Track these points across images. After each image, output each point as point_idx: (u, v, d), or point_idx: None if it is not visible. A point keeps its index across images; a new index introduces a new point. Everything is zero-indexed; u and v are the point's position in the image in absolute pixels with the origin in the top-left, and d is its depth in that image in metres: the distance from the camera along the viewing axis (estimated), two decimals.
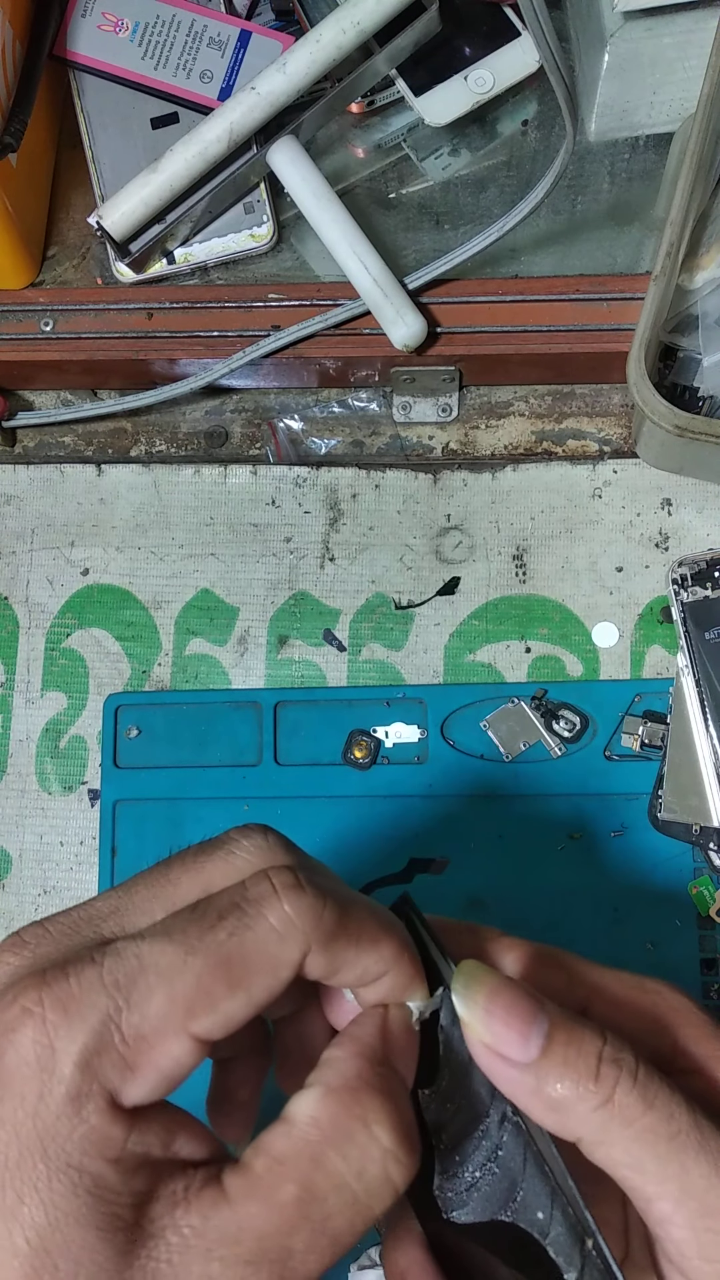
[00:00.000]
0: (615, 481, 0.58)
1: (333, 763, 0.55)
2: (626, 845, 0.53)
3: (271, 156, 0.56)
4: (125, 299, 0.57)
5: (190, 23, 0.58)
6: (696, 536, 0.57)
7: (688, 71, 0.55)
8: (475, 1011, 0.25)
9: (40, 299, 0.58)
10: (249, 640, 0.58)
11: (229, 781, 0.55)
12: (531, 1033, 0.24)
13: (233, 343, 0.57)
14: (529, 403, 0.59)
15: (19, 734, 0.58)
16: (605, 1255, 0.24)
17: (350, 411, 0.60)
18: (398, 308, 0.54)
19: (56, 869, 0.57)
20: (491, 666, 0.56)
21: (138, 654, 0.58)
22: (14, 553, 0.60)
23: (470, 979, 0.26)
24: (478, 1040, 0.25)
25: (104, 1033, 0.22)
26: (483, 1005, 0.25)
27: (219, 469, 0.60)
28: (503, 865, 0.53)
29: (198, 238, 0.58)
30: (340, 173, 0.60)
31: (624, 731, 0.53)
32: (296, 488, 0.59)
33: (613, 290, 0.55)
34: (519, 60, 0.57)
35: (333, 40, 0.54)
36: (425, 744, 0.55)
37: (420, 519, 0.58)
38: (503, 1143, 0.25)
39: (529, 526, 0.58)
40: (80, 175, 0.60)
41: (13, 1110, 0.22)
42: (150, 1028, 0.23)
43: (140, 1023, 0.23)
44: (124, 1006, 0.22)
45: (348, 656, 0.57)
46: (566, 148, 0.47)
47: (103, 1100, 0.22)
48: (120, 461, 0.61)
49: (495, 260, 0.58)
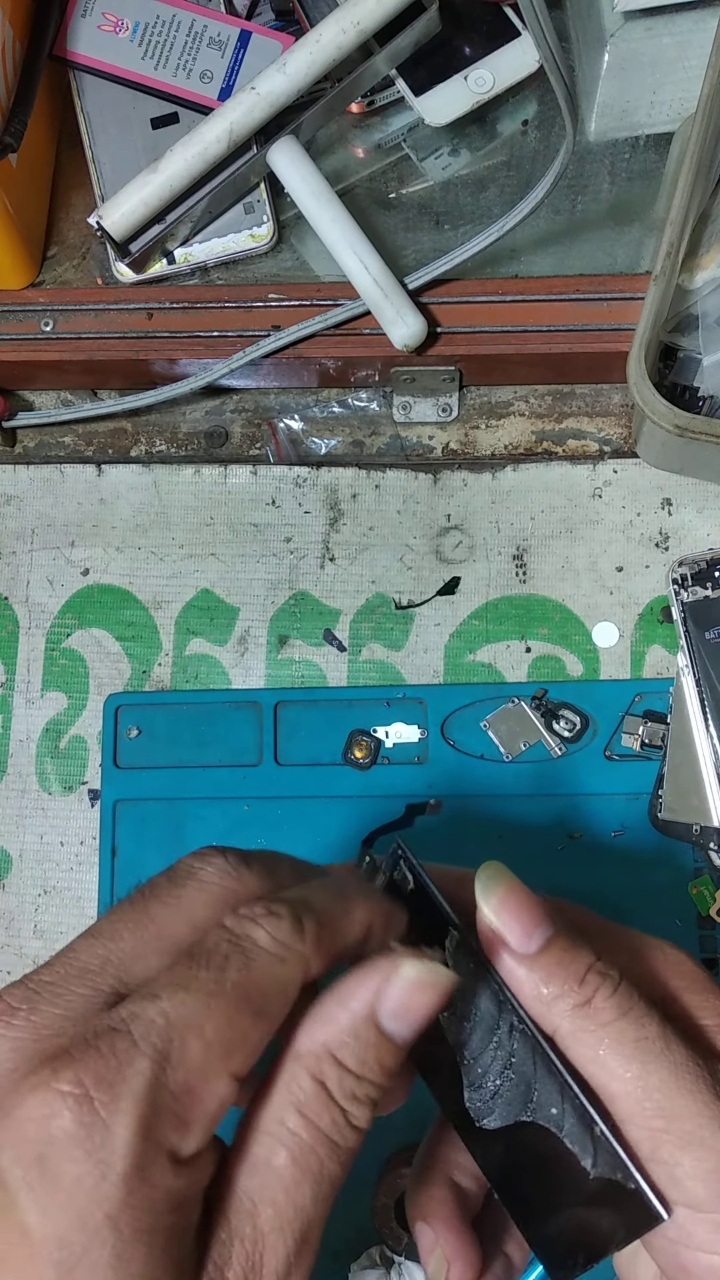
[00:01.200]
0: (615, 481, 0.58)
1: (333, 763, 0.55)
2: (626, 845, 0.53)
3: (271, 156, 0.56)
4: (125, 299, 0.57)
5: (190, 23, 0.58)
6: (696, 536, 0.57)
7: (688, 71, 0.55)
8: (490, 901, 0.27)
9: (40, 299, 0.58)
10: (249, 640, 0.58)
11: (229, 781, 0.55)
12: (535, 932, 0.27)
13: (233, 343, 0.57)
14: (529, 403, 0.59)
15: (19, 734, 0.58)
16: (610, 1139, 0.25)
17: (350, 411, 0.60)
18: (398, 308, 0.54)
19: (56, 869, 0.57)
20: (491, 666, 0.56)
21: (138, 654, 0.58)
22: (14, 553, 0.60)
23: (493, 875, 0.28)
24: (486, 925, 0.27)
25: (155, 1097, 0.22)
26: (498, 897, 0.27)
27: (219, 469, 0.60)
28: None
29: (198, 238, 0.58)
30: (340, 173, 0.60)
31: (624, 731, 0.53)
32: (296, 488, 0.59)
33: (613, 290, 0.55)
34: (519, 60, 0.57)
35: (333, 40, 0.54)
36: (425, 744, 0.55)
37: (420, 519, 0.58)
38: (514, 1050, 0.27)
39: (529, 526, 0.58)
40: (80, 175, 0.60)
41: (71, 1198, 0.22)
42: (195, 1079, 0.23)
43: (185, 1078, 0.23)
44: (166, 1066, 0.23)
45: (348, 656, 0.57)
46: (566, 148, 0.47)
47: (165, 1160, 0.23)
48: (120, 461, 0.61)
49: (495, 260, 0.58)
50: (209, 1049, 0.23)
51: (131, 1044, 0.23)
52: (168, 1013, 0.23)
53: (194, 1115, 0.23)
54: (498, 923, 0.27)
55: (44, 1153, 0.22)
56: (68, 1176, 0.22)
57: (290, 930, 0.25)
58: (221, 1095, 0.23)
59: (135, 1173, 0.22)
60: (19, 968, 0.56)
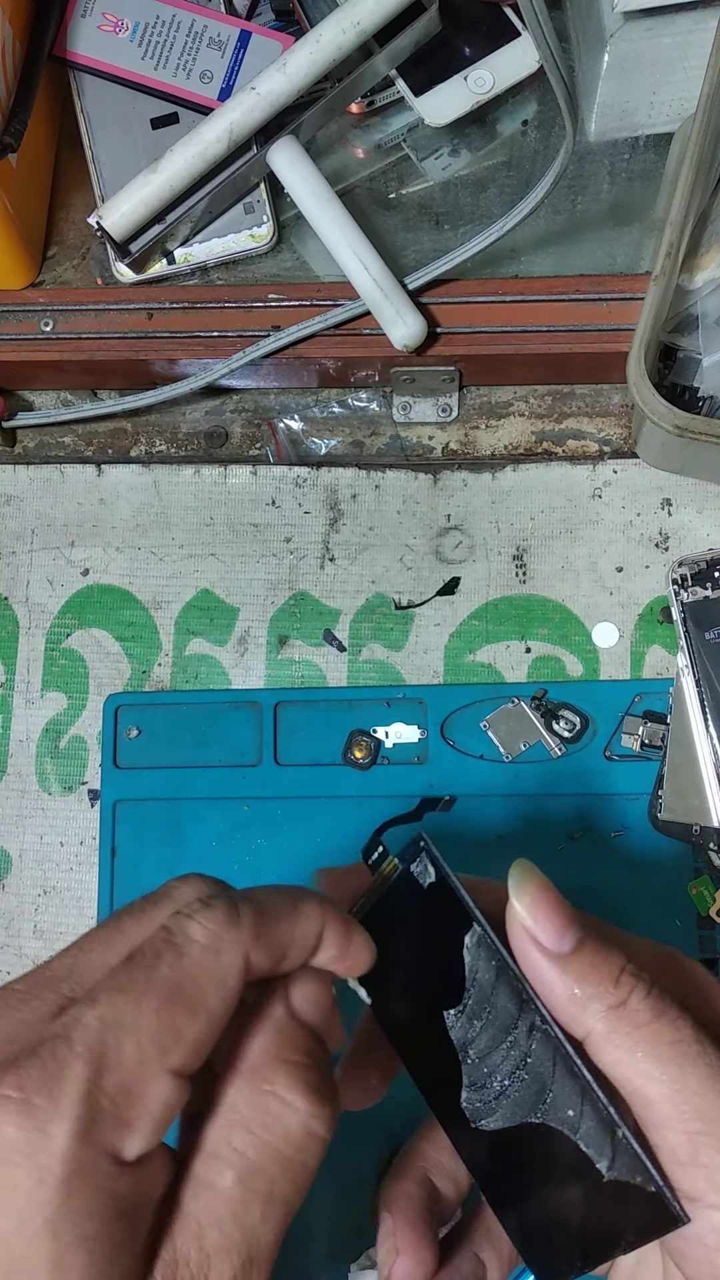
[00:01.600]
0: (615, 481, 0.58)
1: (333, 763, 0.55)
2: (626, 845, 0.53)
3: (271, 156, 0.56)
4: (125, 299, 0.57)
5: (190, 23, 0.58)
6: (696, 536, 0.57)
7: (688, 71, 0.55)
8: (523, 898, 0.27)
9: (40, 299, 0.58)
10: (249, 640, 0.58)
11: (229, 781, 0.55)
12: (567, 932, 0.27)
13: (233, 343, 0.57)
14: (529, 403, 0.59)
15: (19, 734, 0.58)
16: (632, 1143, 0.25)
17: (350, 411, 0.60)
18: (398, 308, 0.54)
19: (56, 869, 0.57)
20: (491, 666, 0.56)
21: (138, 654, 0.58)
22: (14, 553, 0.60)
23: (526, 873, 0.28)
24: (519, 922, 0.27)
25: (91, 1100, 0.23)
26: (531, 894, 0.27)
27: (219, 469, 0.60)
28: (503, 865, 0.53)
29: (198, 238, 0.58)
30: (340, 173, 0.60)
31: (624, 731, 0.53)
32: (296, 488, 0.59)
33: (613, 290, 0.55)
34: (519, 60, 0.57)
35: (333, 40, 0.54)
36: (425, 744, 0.55)
37: (420, 519, 0.58)
38: (532, 1050, 0.27)
39: (529, 526, 0.58)
40: (80, 175, 0.60)
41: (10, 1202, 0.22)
42: (132, 1079, 0.23)
43: (121, 1078, 0.23)
44: (102, 1068, 0.23)
45: (348, 656, 0.57)
46: (566, 148, 0.47)
47: (107, 1163, 0.23)
48: (120, 461, 0.61)
49: (495, 260, 0.58)
50: (143, 1048, 0.23)
51: (69, 1048, 0.23)
52: (103, 1015, 0.24)
53: (134, 1115, 0.23)
54: (531, 921, 0.27)
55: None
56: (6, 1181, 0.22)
57: (224, 919, 0.26)
58: (164, 1095, 0.24)
59: (74, 1176, 0.22)
60: (19, 968, 0.56)
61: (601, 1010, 0.26)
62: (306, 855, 0.54)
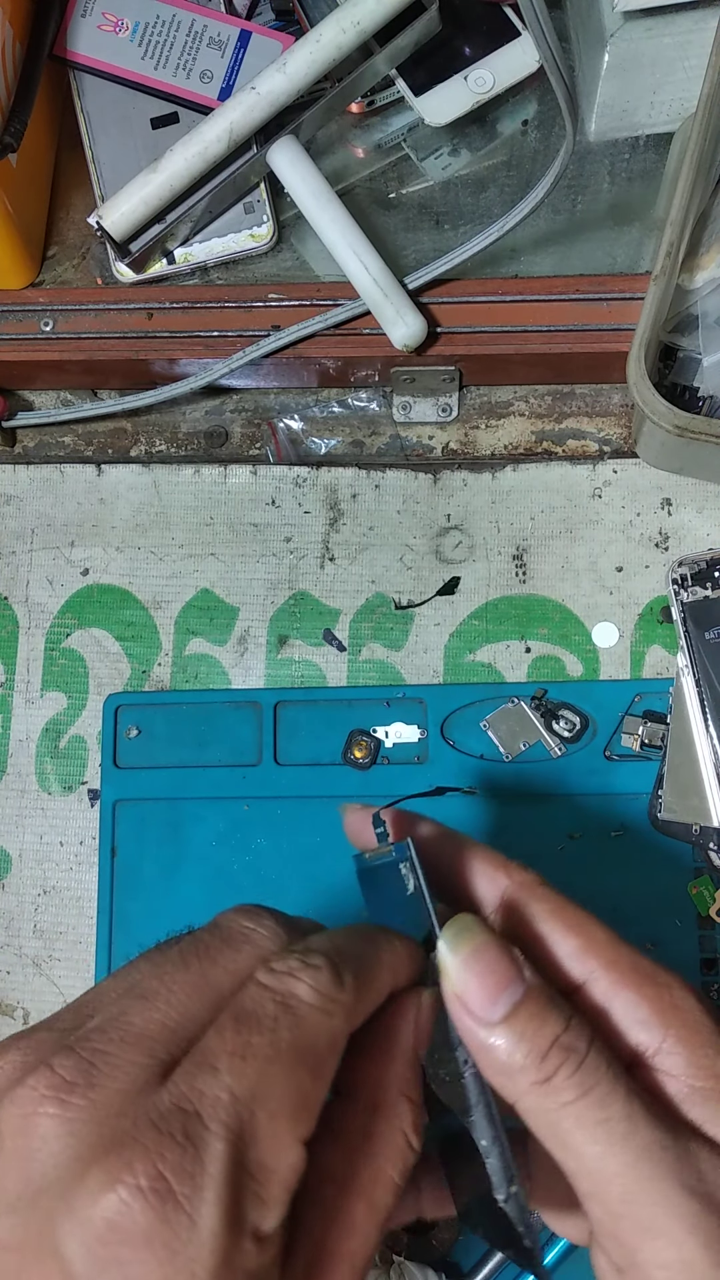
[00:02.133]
0: (615, 481, 0.58)
1: (333, 763, 0.55)
2: (626, 845, 0.53)
3: (271, 156, 0.56)
4: (125, 299, 0.57)
5: (190, 23, 0.58)
6: (696, 536, 0.57)
7: (688, 71, 0.55)
8: (454, 961, 0.26)
9: (40, 299, 0.58)
10: (249, 640, 0.58)
11: (229, 781, 0.55)
12: (501, 998, 0.25)
13: (233, 343, 0.57)
14: (529, 403, 0.59)
15: (19, 734, 0.58)
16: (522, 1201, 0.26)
17: (350, 411, 0.60)
18: (398, 308, 0.54)
19: (56, 869, 0.57)
20: (491, 666, 0.56)
21: (138, 654, 0.58)
22: (14, 553, 0.60)
23: (460, 931, 0.27)
24: (449, 988, 0.26)
25: (236, 1180, 0.21)
26: (463, 958, 0.26)
27: (219, 469, 0.60)
28: None
29: (198, 238, 0.58)
30: (340, 173, 0.60)
31: (624, 731, 0.53)
32: (296, 488, 0.59)
33: (613, 290, 0.55)
34: (519, 60, 0.57)
35: (333, 40, 0.54)
36: (425, 744, 0.55)
37: (420, 519, 0.58)
38: (465, 1076, 0.27)
39: (529, 526, 0.58)
40: (80, 175, 0.60)
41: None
42: (270, 1154, 0.22)
43: (261, 1154, 0.22)
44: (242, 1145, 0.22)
45: (348, 656, 0.57)
46: (566, 148, 0.47)
47: (250, 1243, 0.21)
48: (120, 461, 0.61)
49: (495, 260, 0.58)
50: (277, 1119, 0.22)
51: (202, 1126, 0.21)
52: (231, 1087, 0.22)
53: (273, 1191, 0.22)
54: (459, 985, 0.26)
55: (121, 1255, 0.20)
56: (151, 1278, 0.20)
57: (330, 981, 0.25)
58: (294, 1163, 0.22)
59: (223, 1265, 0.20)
60: (19, 968, 0.56)
61: (526, 1084, 0.25)
62: (306, 855, 0.54)
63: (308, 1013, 0.24)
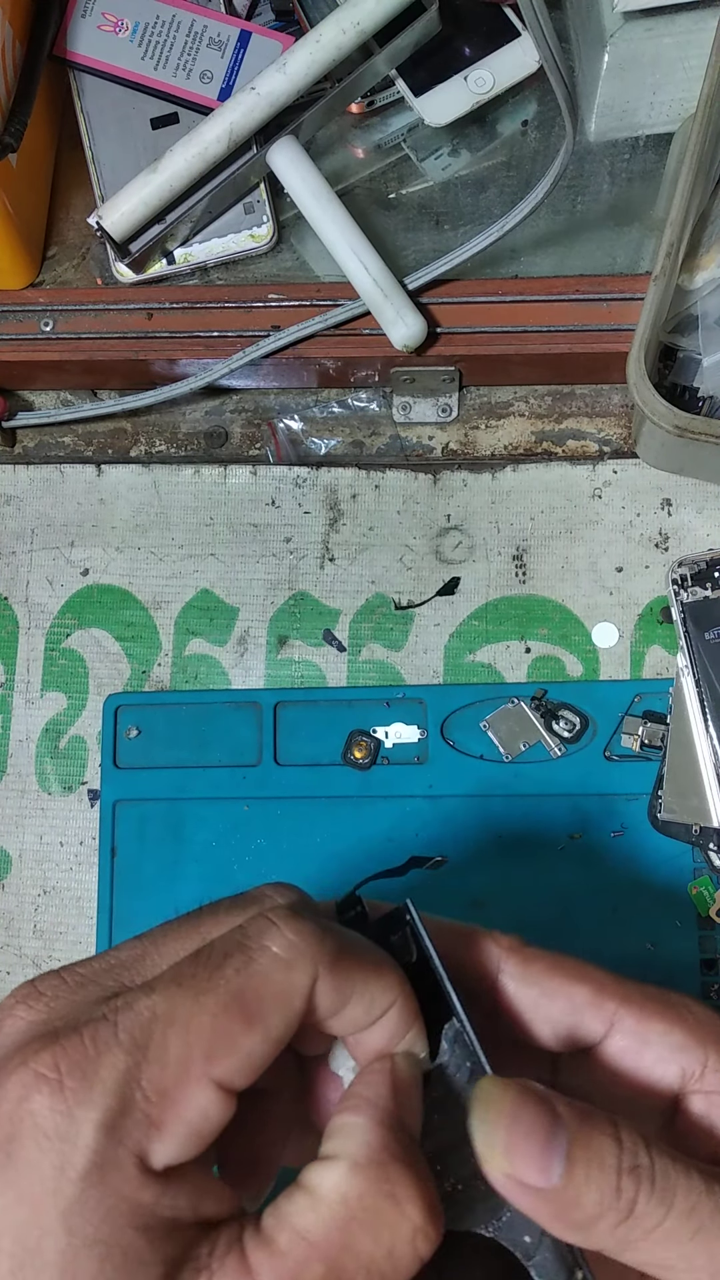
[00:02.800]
0: (615, 481, 0.58)
1: (333, 763, 0.55)
2: (626, 845, 0.53)
3: (271, 156, 0.56)
4: (125, 299, 0.57)
5: (190, 23, 0.58)
6: (696, 536, 0.57)
7: (688, 71, 0.55)
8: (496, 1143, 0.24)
9: (40, 299, 0.58)
10: (249, 640, 0.58)
11: (229, 782, 0.55)
12: (553, 1157, 0.23)
13: (233, 343, 0.57)
14: (529, 403, 0.59)
15: (19, 734, 0.58)
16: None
17: (350, 411, 0.60)
18: (398, 308, 0.54)
19: (56, 869, 0.57)
20: (491, 667, 0.56)
21: (138, 654, 0.58)
22: (14, 553, 0.60)
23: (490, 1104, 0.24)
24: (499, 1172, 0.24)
25: (126, 1092, 0.21)
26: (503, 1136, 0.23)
27: (219, 469, 0.60)
28: (503, 865, 0.53)
29: (198, 238, 0.58)
30: (340, 173, 0.60)
31: (624, 732, 0.53)
32: (296, 488, 0.59)
33: (613, 290, 0.55)
34: (519, 60, 0.57)
35: (333, 40, 0.54)
36: (425, 744, 0.55)
37: (420, 519, 0.58)
38: None
39: (529, 527, 0.58)
40: (80, 175, 0.60)
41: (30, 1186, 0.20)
42: (172, 1080, 0.22)
43: (161, 1076, 0.22)
44: (143, 1061, 0.22)
45: (348, 656, 0.57)
46: (566, 148, 0.47)
47: (131, 1165, 0.21)
48: (120, 461, 0.61)
49: (495, 260, 0.58)
50: (191, 1049, 0.22)
51: (112, 1034, 0.22)
52: (154, 1005, 0.22)
53: (168, 1119, 0.22)
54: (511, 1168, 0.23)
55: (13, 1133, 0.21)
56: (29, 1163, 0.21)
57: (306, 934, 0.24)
58: (202, 1104, 0.22)
59: (94, 1171, 0.21)
60: (19, 968, 0.56)
61: (610, 1228, 0.23)
62: (306, 855, 0.54)
63: (264, 959, 0.23)
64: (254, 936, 0.24)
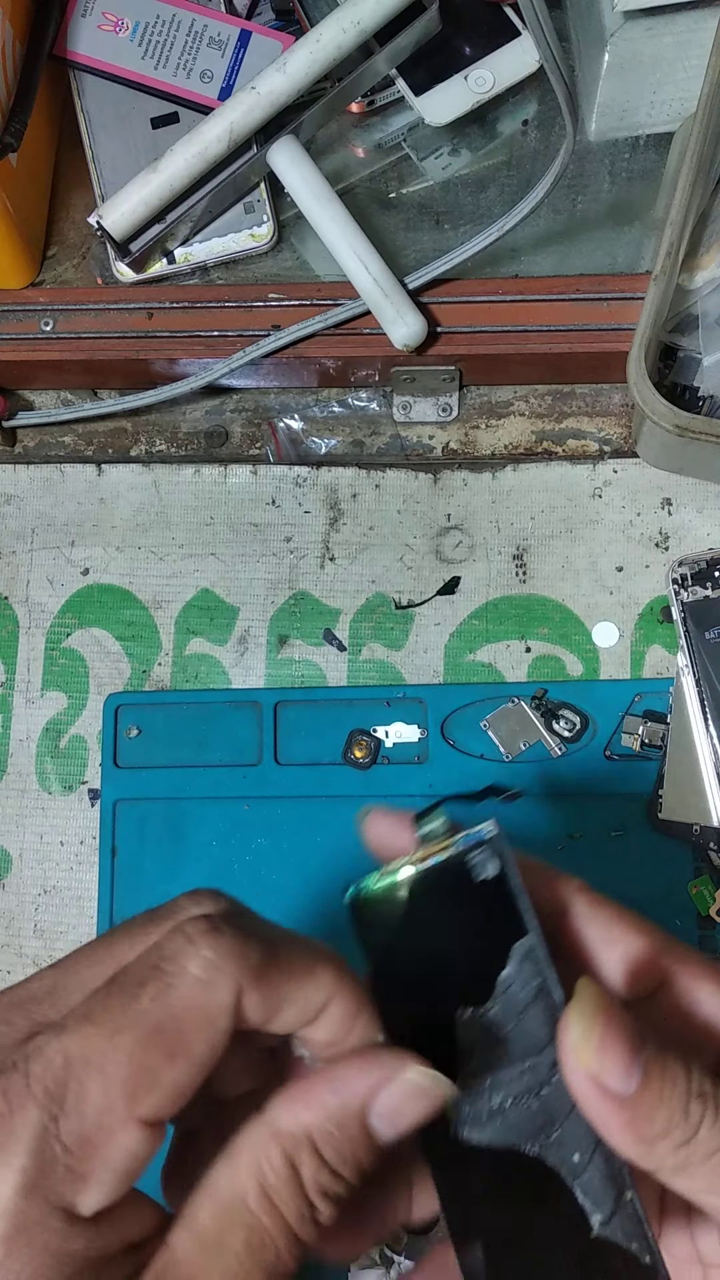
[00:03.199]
0: (615, 481, 0.58)
1: (333, 762, 0.55)
2: (626, 845, 0.53)
3: (271, 156, 0.56)
4: (125, 299, 0.57)
5: (190, 23, 0.58)
6: (696, 536, 0.57)
7: (688, 71, 0.55)
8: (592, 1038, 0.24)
9: (40, 299, 0.58)
10: (249, 640, 0.58)
11: (229, 781, 0.55)
12: (635, 1066, 0.23)
13: (233, 343, 0.57)
14: (529, 402, 0.59)
15: (19, 734, 0.58)
16: (639, 1209, 0.24)
17: (350, 411, 0.60)
18: (398, 307, 0.54)
19: (56, 869, 0.57)
20: (491, 666, 0.56)
21: (138, 654, 0.58)
22: (14, 553, 0.60)
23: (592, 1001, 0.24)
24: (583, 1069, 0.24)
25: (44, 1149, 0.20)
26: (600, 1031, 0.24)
27: (219, 469, 0.60)
28: None
29: (198, 237, 0.58)
30: (340, 173, 0.60)
31: (624, 731, 0.53)
32: (296, 487, 0.59)
33: (613, 290, 0.55)
34: (519, 60, 0.57)
35: (333, 40, 0.54)
36: (425, 744, 0.55)
37: (420, 519, 0.58)
38: (551, 1082, 0.25)
39: (529, 526, 0.58)
40: (80, 175, 0.60)
41: None
42: (92, 1127, 0.21)
43: (80, 1126, 0.21)
44: (59, 1113, 0.21)
45: (348, 656, 0.57)
46: (566, 148, 0.47)
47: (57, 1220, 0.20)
48: (120, 461, 0.61)
49: (495, 260, 0.58)
50: (110, 1092, 0.21)
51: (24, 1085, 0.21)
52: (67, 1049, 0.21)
53: (92, 1168, 0.21)
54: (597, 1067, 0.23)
55: None
56: None
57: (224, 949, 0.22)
58: (129, 1145, 0.21)
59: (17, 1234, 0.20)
60: (19, 967, 0.56)
61: (672, 1147, 0.23)
62: (306, 855, 0.54)
63: (181, 982, 0.22)
64: (170, 958, 0.22)
